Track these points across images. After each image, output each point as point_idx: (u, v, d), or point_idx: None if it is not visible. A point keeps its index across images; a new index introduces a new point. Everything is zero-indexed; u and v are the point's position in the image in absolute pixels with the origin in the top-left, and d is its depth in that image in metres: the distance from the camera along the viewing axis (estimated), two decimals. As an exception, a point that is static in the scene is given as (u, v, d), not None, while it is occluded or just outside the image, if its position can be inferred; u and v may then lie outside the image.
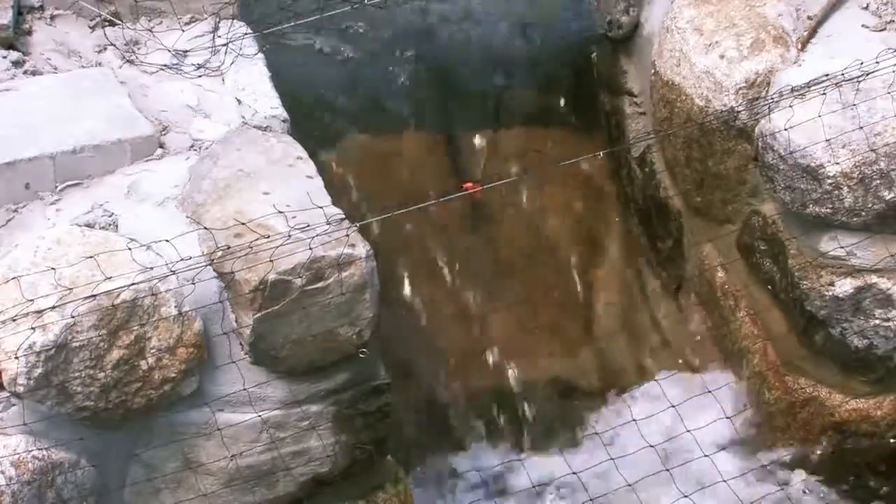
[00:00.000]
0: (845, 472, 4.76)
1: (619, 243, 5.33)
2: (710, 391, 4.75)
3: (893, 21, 4.64)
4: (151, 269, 3.59)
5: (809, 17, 4.64)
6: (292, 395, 3.85)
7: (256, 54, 4.47)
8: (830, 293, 4.45)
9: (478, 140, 5.33)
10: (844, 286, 4.43)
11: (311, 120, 5.01)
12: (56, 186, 3.96)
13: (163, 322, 3.62)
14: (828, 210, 4.33)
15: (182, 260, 3.60)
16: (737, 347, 4.88)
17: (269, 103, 4.31)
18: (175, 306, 3.63)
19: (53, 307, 3.49)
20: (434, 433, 4.87)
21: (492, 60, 5.46)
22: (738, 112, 4.51)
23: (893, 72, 4.26)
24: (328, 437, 3.93)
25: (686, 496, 4.23)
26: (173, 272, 3.60)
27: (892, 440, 4.70)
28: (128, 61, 4.42)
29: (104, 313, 3.53)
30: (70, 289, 3.51)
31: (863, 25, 4.64)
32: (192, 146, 4.15)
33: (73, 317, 3.48)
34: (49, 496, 3.59)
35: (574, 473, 4.18)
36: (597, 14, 5.28)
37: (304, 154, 4.05)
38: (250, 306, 3.68)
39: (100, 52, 4.45)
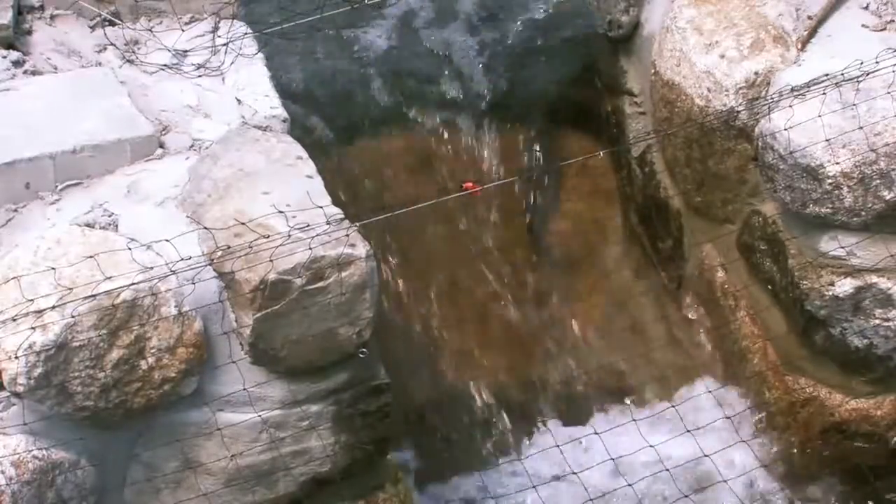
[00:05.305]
0: (845, 472, 4.76)
1: (619, 243, 5.32)
2: (709, 391, 4.77)
3: (893, 21, 4.64)
4: (151, 269, 3.59)
5: (809, 17, 4.64)
6: (292, 395, 3.85)
7: (256, 54, 4.47)
8: (830, 293, 4.45)
9: (476, 139, 5.33)
10: (844, 286, 4.43)
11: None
12: (56, 186, 3.96)
13: (163, 322, 3.62)
14: (828, 210, 4.33)
15: (182, 260, 3.60)
16: (737, 347, 4.88)
17: (269, 103, 4.30)
18: (175, 306, 3.63)
19: (53, 307, 3.49)
20: (431, 433, 4.87)
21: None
22: (738, 112, 4.51)
23: (893, 72, 4.25)
24: (328, 437, 3.93)
25: (686, 496, 4.23)
26: (173, 272, 3.60)
27: (892, 440, 4.70)
28: (128, 61, 4.41)
29: (104, 313, 3.53)
30: (70, 289, 3.51)
31: (863, 25, 4.64)
32: (192, 146, 4.15)
33: (73, 317, 3.48)
34: (49, 496, 3.59)
35: (574, 473, 4.18)
36: (597, 14, 5.28)
37: (304, 154, 4.05)
38: (250, 306, 3.68)
39: (100, 52, 4.44)
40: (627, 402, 4.99)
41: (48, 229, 3.78)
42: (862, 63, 4.23)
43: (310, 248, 3.64)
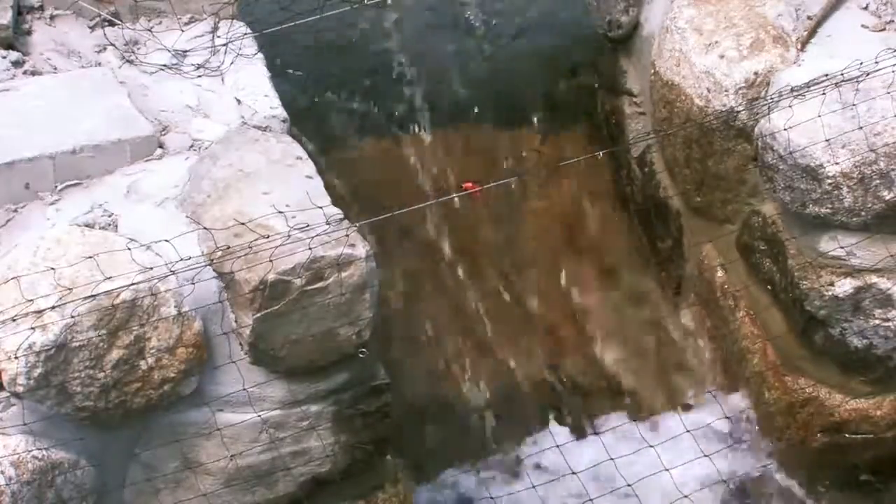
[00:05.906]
0: (845, 473, 4.76)
1: (619, 243, 5.32)
2: (709, 391, 4.77)
3: (893, 21, 4.64)
4: (151, 269, 3.59)
5: (809, 17, 4.64)
6: (292, 395, 3.85)
7: (256, 54, 4.47)
8: (830, 293, 4.45)
9: (477, 140, 5.34)
10: (844, 286, 4.43)
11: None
12: (56, 186, 3.96)
13: (162, 322, 3.62)
14: (827, 210, 4.33)
15: (182, 260, 3.60)
16: (737, 347, 4.88)
17: (268, 103, 4.31)
18: (175, 306, 3.63)
19: (53, 307, 3.49)
20: (428, 433, 4.87)
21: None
22: (738, 112, 4.51)
23: (893, 72, 4.25)
24: (328, 437, 3.93)
25: (685, 496, 4.23)
26: (173, 272, 3.60)
27: (892, 440, 4.71)
28: (127, 61, 4.42)
29: (104, 313, 3.53)
30: (70, 289, 3.51)
31: (862, 25, 4.65)
32: (191, 146, 4.15)
33: (72, 317, 3.48)
34: (49, 496, 3.59)
35: (574, 473, 4.18)
36: (596, 14, 5.28)
37: (304, 154, 4.05)
38: (250, 306, 3.68)
39: (99, 52, 4.45)
40: (627, 402, 4.99)
41: (48, 229, 3.79)
42: (861, 63, 4.23)
43: (309, 249, 3.64)
